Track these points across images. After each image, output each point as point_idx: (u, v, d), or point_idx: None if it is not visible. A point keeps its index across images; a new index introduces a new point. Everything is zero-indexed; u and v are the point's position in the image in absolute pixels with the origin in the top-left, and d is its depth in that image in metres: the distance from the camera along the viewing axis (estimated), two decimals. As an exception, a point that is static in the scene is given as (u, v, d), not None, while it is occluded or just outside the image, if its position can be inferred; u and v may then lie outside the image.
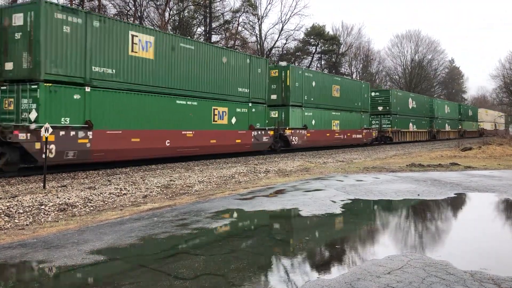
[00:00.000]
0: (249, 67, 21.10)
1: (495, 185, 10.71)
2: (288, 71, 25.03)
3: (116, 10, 38.87)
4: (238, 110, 20.30)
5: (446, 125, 52.95)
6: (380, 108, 39.37)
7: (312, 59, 59.53)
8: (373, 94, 39.29)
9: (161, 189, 10.21)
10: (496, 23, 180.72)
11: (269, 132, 22.63)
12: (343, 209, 7.72)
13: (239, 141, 20.20)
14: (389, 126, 38.92)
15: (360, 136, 33.00)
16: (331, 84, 29.56)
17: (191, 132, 17.47)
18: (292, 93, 25.03)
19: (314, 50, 59.23)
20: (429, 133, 47.64)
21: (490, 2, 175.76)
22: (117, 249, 5.18)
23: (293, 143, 24.89)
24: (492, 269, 4.39)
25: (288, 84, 24.94)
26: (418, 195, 9.24)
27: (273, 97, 25.06)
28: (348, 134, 31.22)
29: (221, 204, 8.24)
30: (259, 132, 21.81)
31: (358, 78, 65.61)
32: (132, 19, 38.29)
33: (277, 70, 25.24)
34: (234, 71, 20.03)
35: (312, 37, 57.83)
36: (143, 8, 39.96)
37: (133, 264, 4.68)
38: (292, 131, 24.84)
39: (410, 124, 42.68)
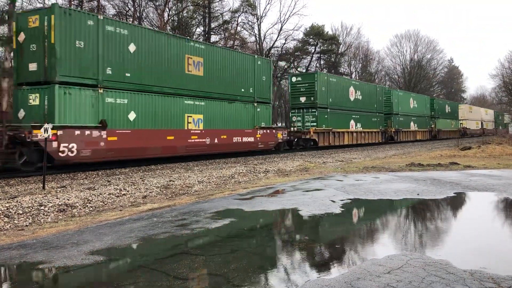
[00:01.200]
0: None
1: (495, 184, 10.72)
2: (52, 16, 13.38)
3: (115, 10, 38.88)
4: None
5: (412, 123, 43.11)
6: (302, 99, 28.56)
7: (311, 58, 59.55)
8: (294, 79, 29.69)
9: (160, 190, 10.20)
10: (495, 23, 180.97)
11: None
12: (343, 209, 7.72)
13: None
14: (314, 124, 27.91)
15: (251, 139, 21.91)
16: (182, 53, 17.92)
17: None
18: (64, 59, 13.59)
19: (313, 50, 59.25)
20: (383, 133, 37.30)
21: (489, 3, 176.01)
22: (116, 250, 5.18)
23: (63, 155, 13.12)
24: (491, 268, 4.39)
25: (53, 41, 13.37)
26: (418, 194, 9.24)
27: (32, 67, 13.86)
28: (223, 137, 20.01)
29: (221, 204, 8.24)
30: None
31: (357, 78, 65.26)
32: (131, 19, 38.28)
33: (37, 17, 13.76)
34: None
35: (311, 37, 57.83)
36: (142, 9, 39.96)
37: (133, 264, 4.68)
38: (61, 132, 13.11)
39: (352, 122, 32.06)
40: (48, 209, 7.73)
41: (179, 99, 17.87)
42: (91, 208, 8.06)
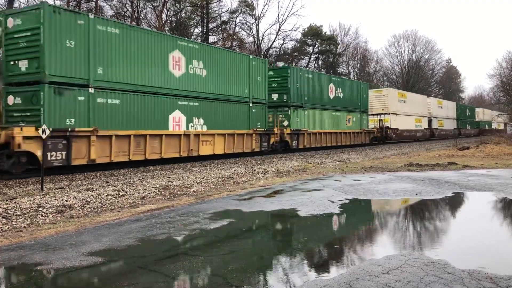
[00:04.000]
0: None
1: (493, 184, 10.74)
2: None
3: (113, 11, 38.84)
4: None
5: (195, 121, 17.60)
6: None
7: (310, 59, 59.61)
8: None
9: (159, 190, 10.19)
10: (493, 23, 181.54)
11: None
12: (341, 209, 7.72)
13: None
14: None
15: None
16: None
17: None
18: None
19: (311, 50, 59.33)
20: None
21: (487, 3, 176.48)
22: (115, 251, 5.17)
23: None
24: (490, 267, 4.40)
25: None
26: (416, 194, 9.26)
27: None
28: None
29: (219, 205, 8.23)
30: None
31: (355, 78, 65.39)
32: (129, 20, 38.25)
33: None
34: None
35: (309, 37, 57.90)
36: (140, 9, 39.93)
37: (132, 265, 4.67)
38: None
39: None
40: (46, 210, 7.72)
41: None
42: (90, 209, 8.05)
